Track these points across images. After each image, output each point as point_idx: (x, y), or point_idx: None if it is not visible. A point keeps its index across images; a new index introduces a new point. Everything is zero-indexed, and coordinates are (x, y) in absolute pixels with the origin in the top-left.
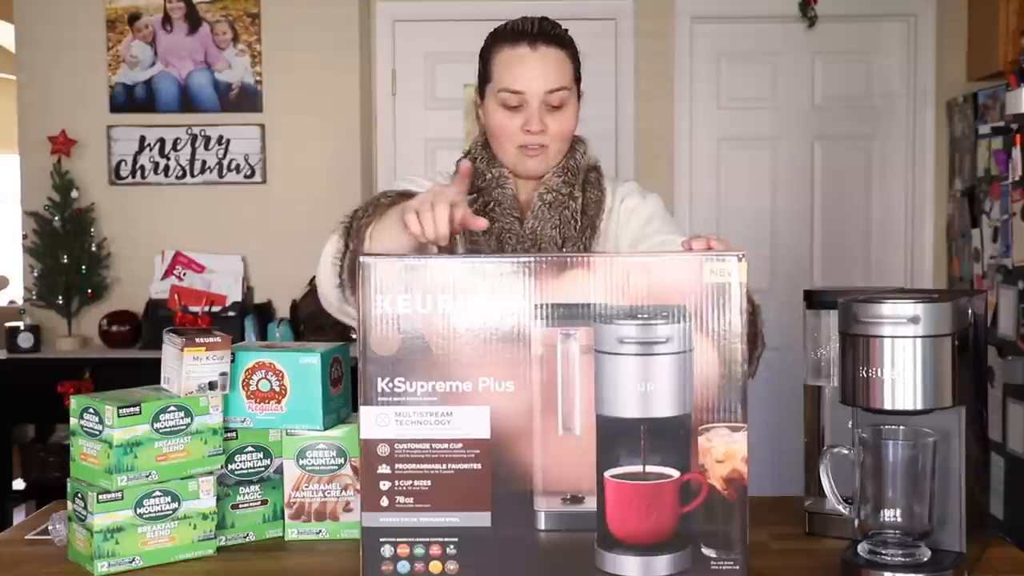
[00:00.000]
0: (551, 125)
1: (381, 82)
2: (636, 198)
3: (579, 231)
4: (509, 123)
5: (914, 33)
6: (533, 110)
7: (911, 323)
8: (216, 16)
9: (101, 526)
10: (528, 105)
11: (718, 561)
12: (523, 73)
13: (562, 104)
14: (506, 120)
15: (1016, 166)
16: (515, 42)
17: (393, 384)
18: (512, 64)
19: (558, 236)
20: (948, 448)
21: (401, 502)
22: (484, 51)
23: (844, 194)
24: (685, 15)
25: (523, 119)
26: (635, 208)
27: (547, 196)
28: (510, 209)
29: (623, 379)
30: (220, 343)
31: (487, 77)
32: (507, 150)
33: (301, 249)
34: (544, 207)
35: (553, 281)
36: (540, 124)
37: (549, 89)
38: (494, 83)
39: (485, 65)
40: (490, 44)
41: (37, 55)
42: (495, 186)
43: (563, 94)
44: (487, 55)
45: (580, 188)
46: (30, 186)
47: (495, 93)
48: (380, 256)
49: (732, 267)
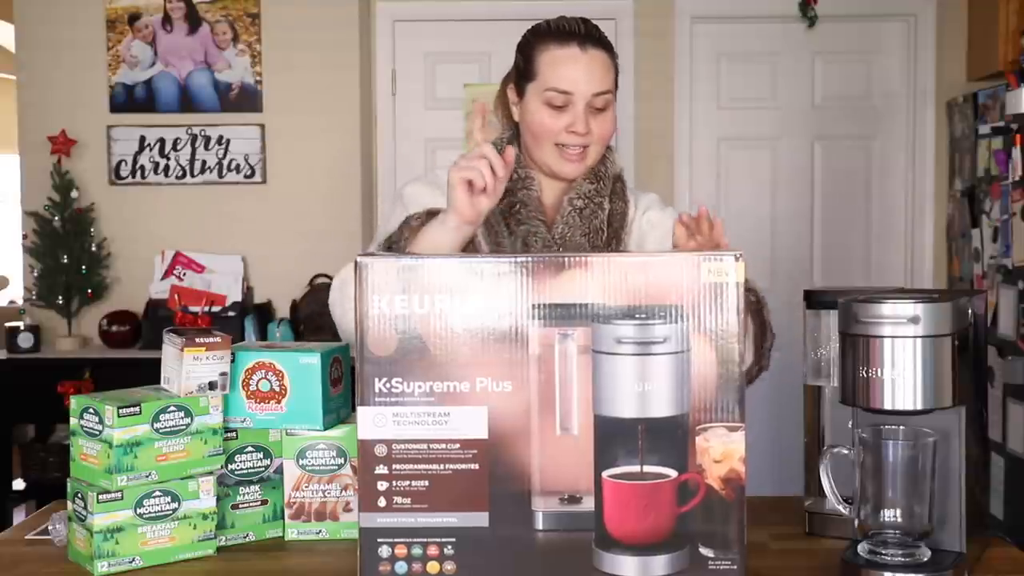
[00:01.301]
0: (594, 128)
1: (381, 82)
2: (658, 211)
3: (605, 242)
4: (553, 122)
5: (914, 33)
6: (579, 111)
7: (911, 323)
8: (216, 16)
9: (101, 526)
10: (574, 106)
11: (716, 561)
12: (572, 74)
13: (606, 107)
14: (550, 119)
15: (1016, 166)
16: (564, 42)
17: (391, 384)
18: (561, 64)
19: (587, 244)
20: (948, 448)
21: (399, 502)
22: (526, 47)
23: (844, 194)
24: (685, 15)
25: (568, 120)
26: (657, 222)
27: (578, 202)
28: (536, 212)
29: (620, 379)
30: (220, 343)
31: (530, 75)
32: (545, 150)
33: (301, 249)
34: (575, 213)
35: (550, 281)
36: (586, 125)
37: (596, 92)
38: (539, 81)
39: (528, 62)
40: (533, 41)
41: (37, 55)
42: (521, 187)
43: (608, 97)
44: (530, 52)
45: (608, 197)
46: (30, 186)
47: (540, 92)
48: (376, 256)
49: (730, 267)
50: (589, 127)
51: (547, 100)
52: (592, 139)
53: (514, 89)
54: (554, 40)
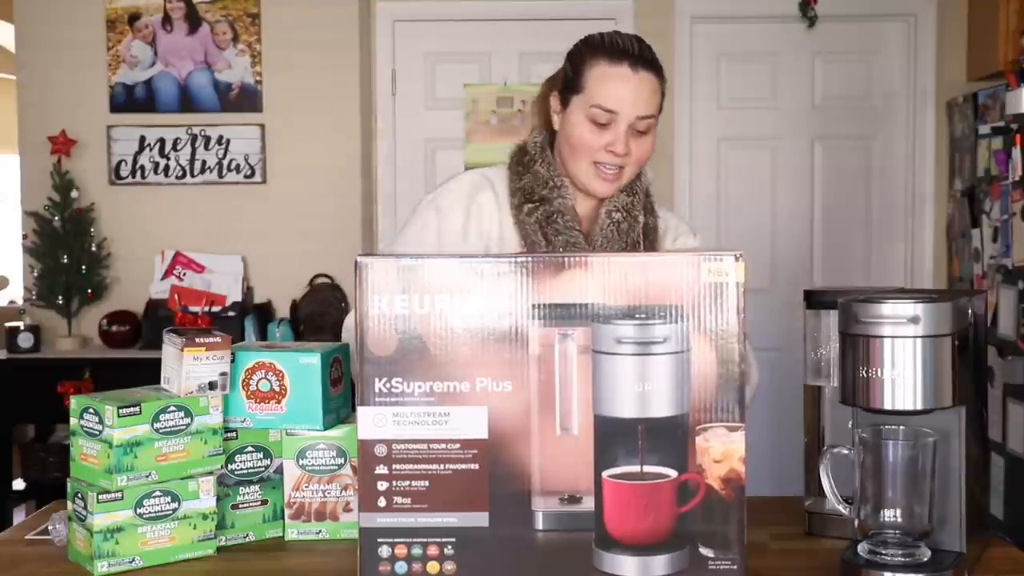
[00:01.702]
0: (634, 149)
1: (381, 82)
2: (689, 238)
3: None
4: (594, 139)
5: (914, 33)
6: (621, 132)
7: (911, 323)
8: (216, 16)
9: (101, 526)
10: (617, 125)
11: (716, 561)
12: (620, 93)
13: (648, 130)
14: (591, 135)
15: (1016, 166)
16: (616, 59)
17: (391, 384)
18: (610, 82)
19: None
20: (948, 448)
21: (399, 502)
22: (576, 58)
23: (844, 194)
24: (685, 15)
25: (609, 138)
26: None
27: (615, 215)
28: (573, 222)
29: (621, 379)
30: (220, 343)
31: (577, 87)
32: (581, 165)
33: (301, 249)
34: (613, 227)
35: (550, 281)
36: (625, 147)
37: (641, 115)
38: (586, 96)
39: (577, 74)
40: (584, 53)
41: (37, 55)
42: (557, 195)
43: (651, 121)
44: (580, 64)
45: (642, 211)
46: (30, 186)
47: (585, 106)
48: (376, 256)
49: (729, 267)
50: (629, 148)
51: (591, 116)
52: (630, 160)
53: (558, 98)
54: (606, 56)
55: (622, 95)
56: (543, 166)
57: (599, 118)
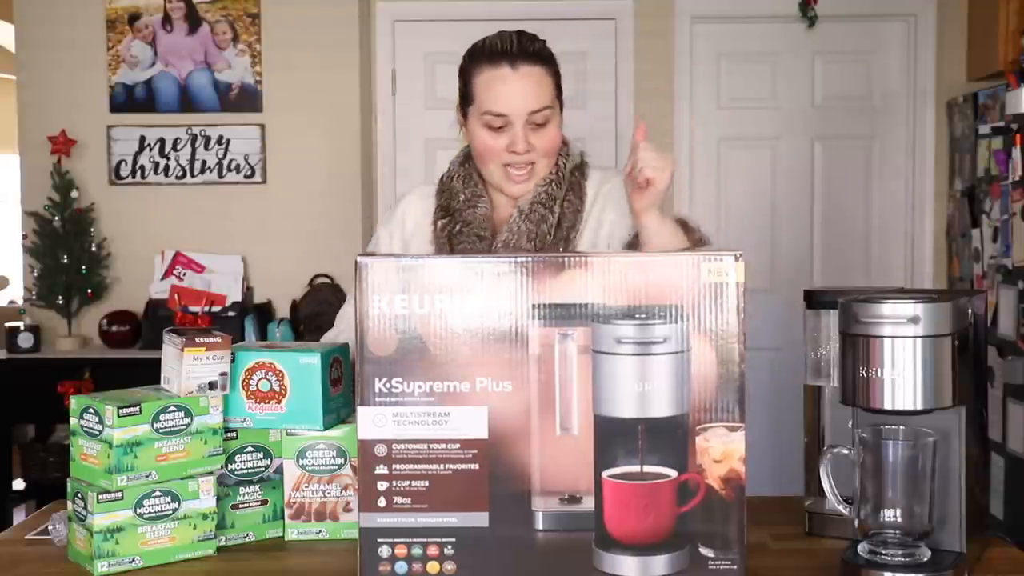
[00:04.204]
0: (537, 143)
1: (381, 82)
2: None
3: (552, 245)
4: (494, 143)
5: (914, 33)
6: (517, 131)
7: (911, 323)
8: (216, 16)
9: (101, 526)
10: (512, 126)
11: (716, 561)
12: (505, 95)
13: (546, 122)
14: (491, 140)
15: (1016, 166)
16: (495, 62)
17: (391, 384)
18: (494, 85)
19: (532, 248)
20: (948, 448)
21: (399, 502)
22: (463, 71)
23: (844, 194)
24: (685, 15)
25: (508, 139)
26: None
27: (525, 208)
28: (478, 229)
29: (621, 379)
30: (220, 343)
31: (469, 98)
32: (492, 169)
33: (301, 249)
34: (520, 218)
35: (550, 281)
36: (526, 144)
37: (532, 110)
38: (477, 105)
39: (466, 85)
40: (469, 64)
41: (37, 55)
42: (468, 207)
43: (546, 112)
44: (467, 75)
45: (560, 202)
46: (30, 186)
47: (479, 115)
48: (376, 256)
49: (729, 267)
50: (531, 144)
51: (486, 123)
52: (536, 155)
53: (460, 112)
54: (486, 61)
55: (507, 96)
56: (459, 181)
57: (493, 123)
